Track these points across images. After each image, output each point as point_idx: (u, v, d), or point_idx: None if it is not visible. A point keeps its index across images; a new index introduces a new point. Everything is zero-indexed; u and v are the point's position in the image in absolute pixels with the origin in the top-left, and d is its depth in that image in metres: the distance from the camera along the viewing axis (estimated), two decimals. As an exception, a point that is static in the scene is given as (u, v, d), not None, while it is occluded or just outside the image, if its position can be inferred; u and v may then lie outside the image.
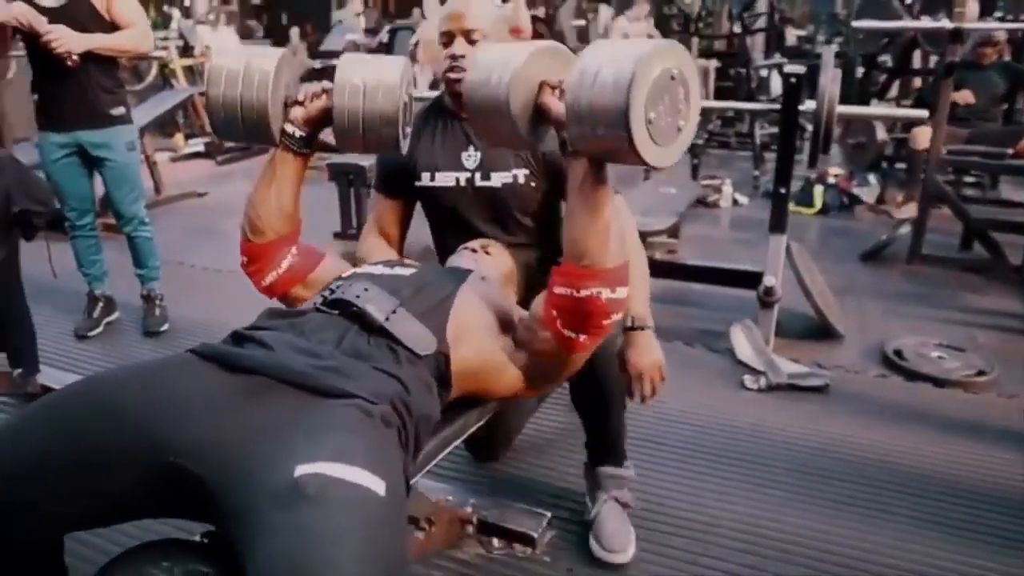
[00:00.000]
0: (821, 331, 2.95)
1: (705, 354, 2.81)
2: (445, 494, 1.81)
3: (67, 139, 2.70)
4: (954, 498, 1.94)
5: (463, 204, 1.74)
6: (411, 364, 1.20)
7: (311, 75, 10.98)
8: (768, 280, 2.73)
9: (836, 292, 3.17)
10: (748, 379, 2.56)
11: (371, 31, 7.10)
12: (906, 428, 2.28)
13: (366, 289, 1.27)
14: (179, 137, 6.77)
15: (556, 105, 1.20)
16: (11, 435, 1.04)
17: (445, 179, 1.74)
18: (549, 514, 1.82)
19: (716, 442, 2.21)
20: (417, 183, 1.76)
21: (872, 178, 4.94)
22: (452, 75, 1.67)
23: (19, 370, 2.38)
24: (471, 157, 1.72)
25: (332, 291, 1.30)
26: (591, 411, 1.70)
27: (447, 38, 1.67)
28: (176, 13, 8.26)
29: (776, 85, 6.49)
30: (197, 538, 1.11)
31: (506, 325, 1.38)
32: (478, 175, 1.71)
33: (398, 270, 1.44)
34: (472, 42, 1.65)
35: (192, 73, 7.50)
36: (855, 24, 4.48)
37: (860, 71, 5.66)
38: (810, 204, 4.76)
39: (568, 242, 1.22)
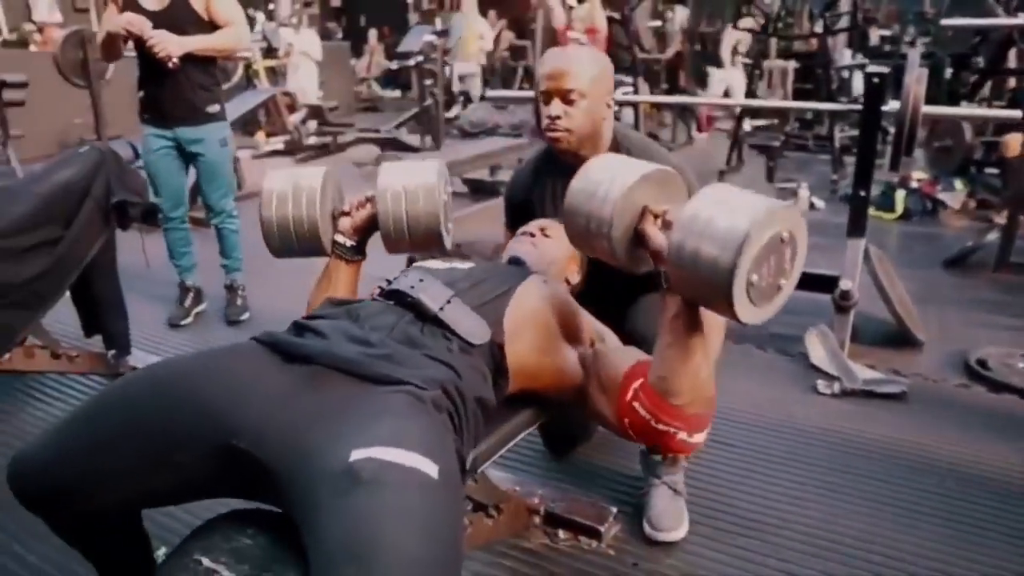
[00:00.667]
0: (899, 338, 2.86)
1: (778, 358, 2.76)
2: (514, 484, 1.84)
3: (166, 134, 2.85)
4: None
5: None
6: (464, 353, 1.22)
7: (388, 75, 11.26)
8: (845, 284, 2.67)
9: (916, 299, 3.07)
10: (821, 384, 2.50)
11: (442, 32, 7.21)
12: (989, 440, 2.19)
13: (421, 280, 1.30)
14: (260, 135, 7.01)
15: (657, 237, 1.20)
16: (89, 415, 1.11)
17: None
18: (615, 508, 1.83)
19: (787, 446, 2.17)
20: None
21: (958, 183, 4.74)
22: (551, 135, 1.73)
23: (112, 352, 2.53)
24: None
25: (389, 282, 1.34)
26: None
27: (545, 97, 1.71)
28: (260, 16, 8.56)
29: (858, 86, 6.31)
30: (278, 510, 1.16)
31: (572, 334, 1.38)
32: None
33: (455, 264, 1.47)
34: (570, 102, 1.68)
35: (274, 74, 7.77)
36: (944, 22, 4.31)
37: (949, 72, 5.45)
38: (891, 209, 4.61)
39: (657, 374, 1.22)
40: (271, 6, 9.09)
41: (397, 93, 11.09)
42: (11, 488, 1.08)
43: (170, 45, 2.65)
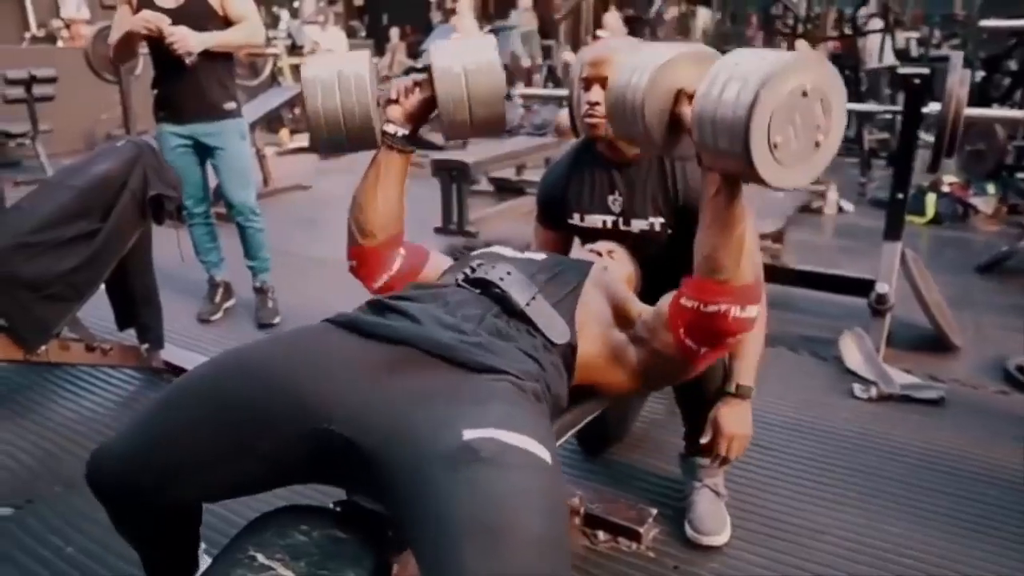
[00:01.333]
0: (934, 343, 2.82)
1: (811, 361, 2.73)
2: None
3: (183, 131, 2.85)
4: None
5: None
6: (547, 351, 1.22)
7: (410, 73, 11.26)
8: (881, 287, 2.63)
9: (951, 304, 3.02)
10: (858, 388, 2.47)
11: (501, 29, 7.20)
12: (1031, 448, 2.16)
13: (509, 273, 1.29)
14: (284, 132, 7.04)
15: (690, 116, 1.17)
16: (171, 404, 1.10)
17: (593, 221, 1.81)
18: (655, 510, 1.81)
19: (825, 450, 2.15)
20: (569, 220, 1.84)
21: (990, 187, 4.68)
22: (589, 120, 1.71)
23: (146, 345, 2.54)
24: (616, 201, 1.77)
25: (473, 269, 1.32)
26: (692, 404, 1.74)
27: (586, 83, 1.70)
28: (285, 14, 8.60)
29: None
30: (331, 506, 1.16)
31: (623, 319, 1.38)
32: (621, 220, 1.77)
33: (529, 254, 1.46)
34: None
35: (298, 71, 7.78)
36: (983, 23, 4.24)
37: (980, 75, 5.37)
38: (922, 213, 4.55)
39: (699, 255, 1.19)
40: (296, 3, 9.14)
41: (418, 92, 11.04)
42: (89, 480, 1.07)
43: (189, 42, 2.65)
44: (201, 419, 1.05)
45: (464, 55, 1.40)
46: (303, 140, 6.97)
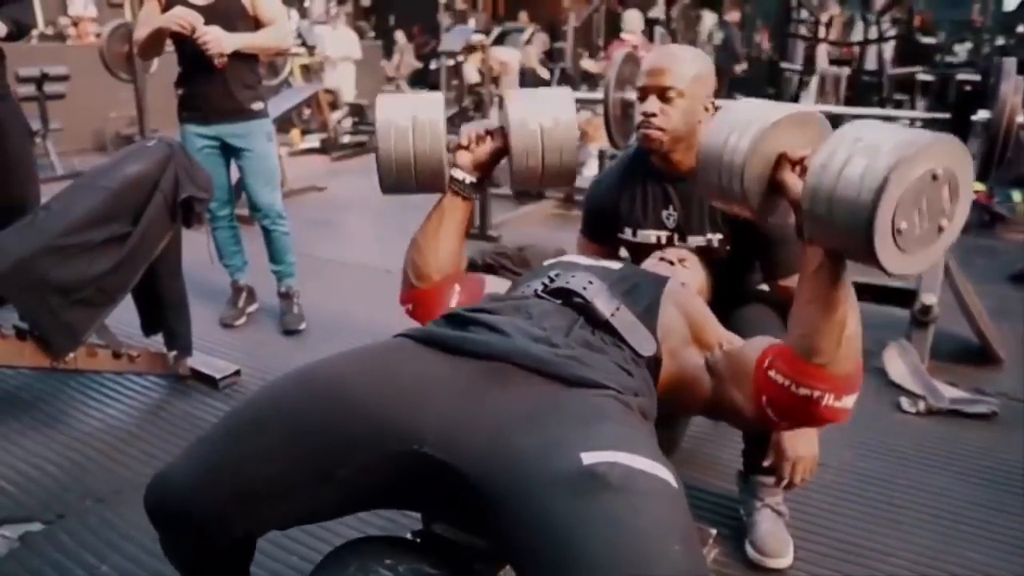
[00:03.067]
0: (977, 355, 2.76)
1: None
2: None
3: (209, 131, 2.78)
4: None
5: None
6: (636, 364, 1.16)
7: (419, 75, 11.22)
8: (927, 298, 2.57)
9: (988, 314, 2.96)
10: (905, 402, 2.41)
11: (483, 33, 7.15)
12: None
13: (591, 282, 1.23)
14: (296, 133, 6.97)
15: (795, 185, 1.09)
16: (241, 428, 1.03)
17: (646, 236, 1.74)
18: (715, 531, 1.74)
19: (881, 467, 2.08)
20: (620, 235, 1.77)
21: (1016, 195, 4.62)
22: (644, 131, 1.65)
23: (174, 352, 2.47)
24: (671, 217, 1.71)
25: (552, 279, 1.26)
26: None
27: (643, 93, 1.65)
28: (294, 14, 8.53)
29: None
30: (409, 536, 1.09)
31: (700, 338, 1.30)
32: (676, 236, 1.71)
33: (604, 263, 1.41)
34: (667, 100, 1.62)
35: (308, 72, 7.72)
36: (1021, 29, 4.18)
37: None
38: (947, 220, 4.49)
39: (796, 331, 1.11)
40: (306, 3, 9.07)
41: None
42: (148, 508, 1.00)
43: (222, 42, 2.59)
44: (274, 446, 0.98)
45: (542, 110, 1.39)
46: (314, 141, 6.90)
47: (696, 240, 1.70)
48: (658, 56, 1.68)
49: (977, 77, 2.46)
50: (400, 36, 10.85)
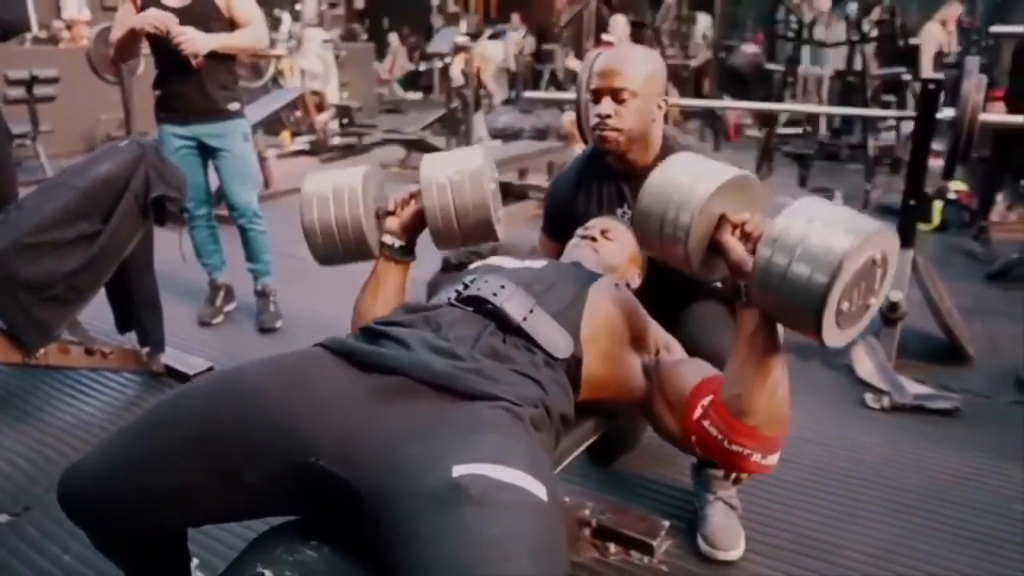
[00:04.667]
0: (946, 353, 2.78)
1: (820, 370, 2.69)
2: (563, 495, 1.77)
3: (186, 132, 2.81)
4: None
5: None
6: (548, 368, 1.17)
7: (411, 77, 11.26)
8: (894, 295, 2.59)
9: (962, 312, 2.98)
10: (870, 398, 2.43)
11: (472, 35, 7.18)
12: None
13: (503, 287, 1.23)
14: (285, 135, 7.00)
15: (736, 249, 1.13)
16: (152, 425, 1.04)
17: None
18: (668, 522, 1.76)
19: (841, 462, 2.10)
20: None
21: (998, 195, 4.64)
22: (600, 133, 1.67)
23: (147, 349, 2.49)
24: (626, 215, 1.73)
25: (466, 286, 1.26)
26: None
27: (596, 95, 1.67)
28: (287, 16, 8.56)
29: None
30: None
31: (639, 341, 1.33)
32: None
33: (528, 263, 1.41)
34: (620, 101, 1.63)
35: (303, 73, 7.74)
36: (994, 29, 4.20)
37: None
38: (928, 220, 4.52)
39: (731, 392, 1.14)
40: (297, 6, 9.10)
41: (419, 95, 11.08)
42: (61, 503, 1.02)
43: (197, 42, 2.62)
44: (183, 446, 0.99)
45: (450, 165, 1.41)
46: (304, 143, 6.93)
47: None
48: (609, 57, 1.69)
49: (941, 76, 2.48)
50: (393, 38, 10.88)
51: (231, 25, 2.75)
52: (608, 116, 1.63)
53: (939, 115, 2.51)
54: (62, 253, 2.14)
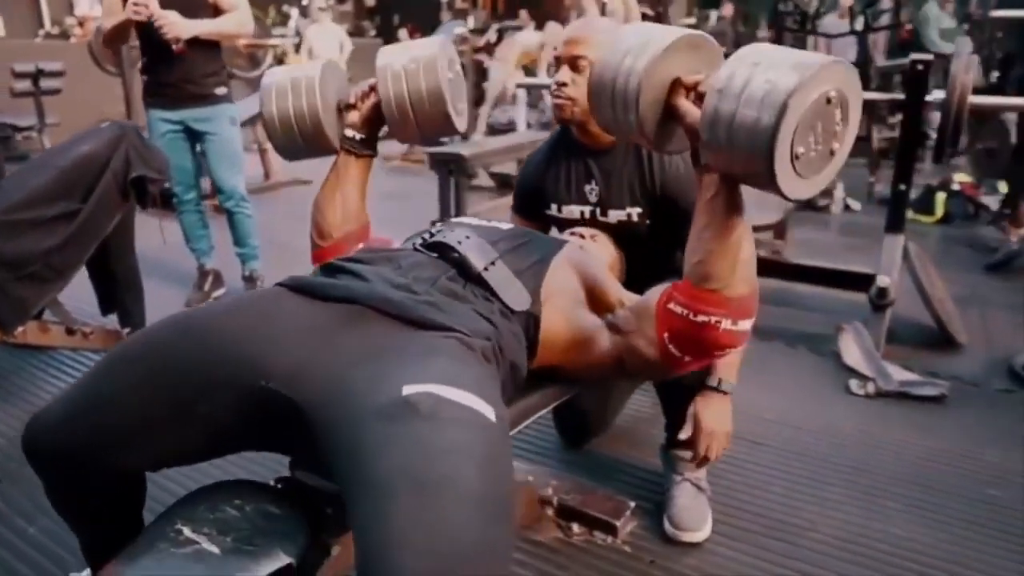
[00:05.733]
0: (938, 340, 2.74)
1: (808, 356, 2.65)
2: (527, 473, 1.76)
3: (172, 116, 2.83)
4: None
5: None
6: (503, 317, 1.17)
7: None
8: (882, 281, 2.55)
9: (957, 302, 2.94)
10: (854, 384, 2.39)
11: (479, 31, 7.16)
12: (1034, 447, 2.07)
13: (468, 237, 1.25)
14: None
15: (690, 111, 1.08)
16: (109, 367, 1.05)
17: (571, 211, 1.74)
18: (633, 503, 1.74)
19: (819, 447, 2.07)
20: (547, 211, 1.77)
21: (1002, 186, 4.57)
22: (554, 100, 1.64)
23: (127, 329, 2.50)
24: (593, 191, 1.71)
25: (432, 234, 1.28)
26: (672, 396, 1.68)
27: (557, 63, 1.65)
28: (295, 12, 8.60)
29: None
30: (271, 483, 1.10)
31: (599, 302, 1.31)
32: (598, 210, 1.70)
33: (496, 223, 1.42)
34: (578, 70, 1.60)
35: (310, 53, 7.70)
36: (995, 14, 4.11)
37: (995, 74, 5.26)
38: (931, 212, 4.45)
39: (691, 260, 1.11)
40: (304, 2, 9.14)
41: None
42: (25, 447, 1.04)
43: (178, 27, 2.64)
44: (139, 382, 1.01)
45: (405, 53, 1.38)
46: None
47: (617, 214, 1.69)
48: (574, 27, 1.69)
49: (930, 56, 2.43)
50: (403, 34, 10.89)
51: (215, 11, 2.77)
52: (564, 84, 1.61)
53: (929, 98, 2.46)
54: (40, 232, 2.14)
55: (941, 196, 4.44)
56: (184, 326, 1.07)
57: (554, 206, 1.76)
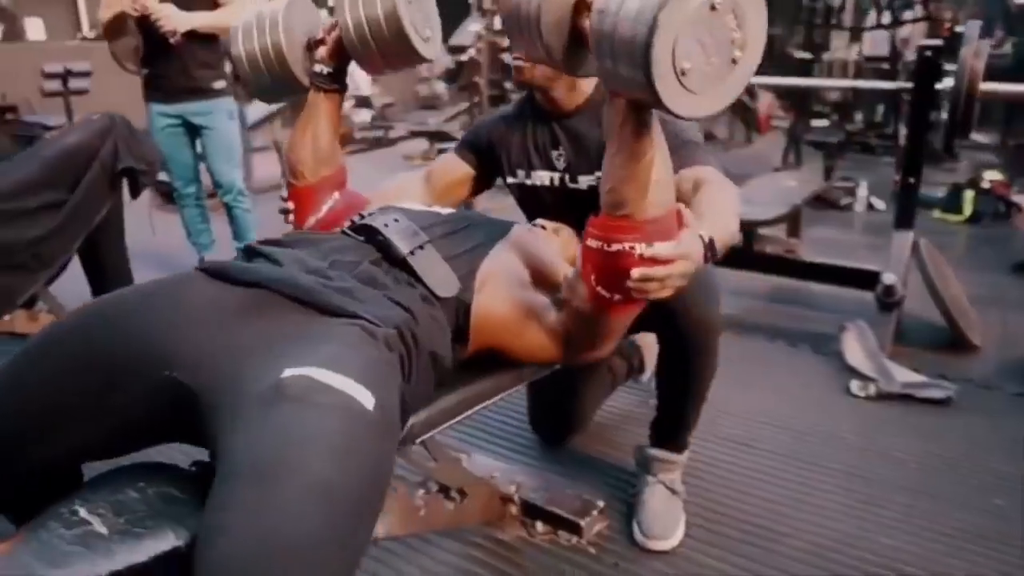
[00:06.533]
0: (951, 342, 2.60)
1: (809, 356, 2.54)
2: (493, 470, 1.70)
3: (171, 110, 2.85)
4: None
5: (558, 202, 1.64)
6: (427, 303, 1.13)
7: (450, 74, 11.26)
8: (888, 278, 2.44)
9: (978, 303, 2.80)
10: (855, 385, 2.28)
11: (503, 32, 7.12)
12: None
13: (396, 220, 1.22)
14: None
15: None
16: (18, 358, 1.03)
17: (540, 177, 1.66)
18: (602, 503, 1.67)
19: (811, 450, 1.97)
20: (512, 179, 1.68)
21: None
22: (514, 63, 1.56)
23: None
24: (560, 157, 1.62)
25: (362, 216, 1.26)
26: (673, 383, 1.60)
27: None
28: (324, 13, 8.65)
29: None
30: (186, 467, 1.07)
31: (546, 282, 1.27)
32: (567, 177, 1.63)
33: (437, 209, 1.39)
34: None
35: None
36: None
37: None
38: (958, 211, 4.28)
39: (604, 190, 1.09)
40: (330, 3, 9.19)
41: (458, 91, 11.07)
42: None
43: (174, 20, 2.65)
44: (52, 372, 0.98)
45: None
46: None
47: (586, 179, 1.60)
48: None
49: (939, 42, 2.31)
50: (434, 37, 10.96)
51: (213, 4, 2.78)
52: None
53: (939, 85, 2.35)
54: (25, 221, 2.15)
55: (969, 194, 4.26)
56: (97, 312, 1.05)
57: (521, 172, 1.66)
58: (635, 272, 1.05)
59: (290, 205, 1.48)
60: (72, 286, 2.46)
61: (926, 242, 2.62)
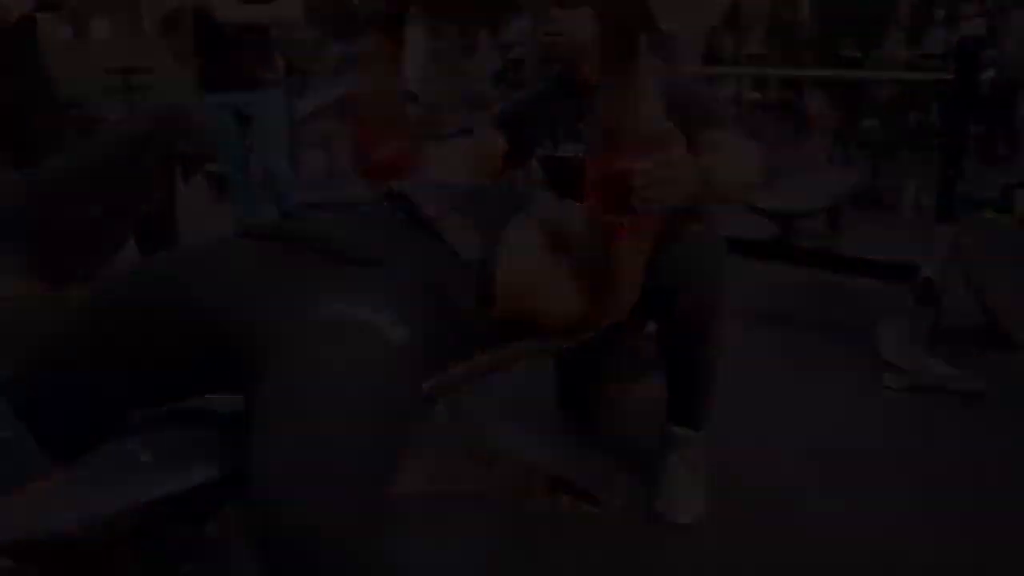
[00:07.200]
0: (994, 338, 2.56)
1: (844, 349, 2.52)
2: (519, 442, 1.75)
3: (223, 99, 2.95)
4: None
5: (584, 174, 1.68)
6: (451, 266, 1.18)
7: (499, 75, 11.39)
8: (926, 272, 2.41)
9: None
10: (889, 377, 2.27)
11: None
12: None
13: (428, 189, 1.28)
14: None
15: None
16: (92, 313, 1.10)
17: (566, 149, 1.71)
18: (626, 478, 1.71)
19: (845, 443, 1.96)
20: (540, 150, 1.74)
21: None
22: (548, 39, 1.64)
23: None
24: (587, 129, 1.67)
25: (397, 184, 1.31)
26: (679, 357, 1.62)
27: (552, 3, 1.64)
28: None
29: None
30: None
31: (565, 246, 1.30)
32: None
33: (468, 180, 1.46)
34: (563, 5, 1.60)
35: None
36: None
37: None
38: (1010, 210, 4.16)
39: (603, 128, 1.17)
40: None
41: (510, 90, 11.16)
42: None
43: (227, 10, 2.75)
44: (124, 321, 1.05)
45: None
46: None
47: None
48: None
49: (983, 31, 2.28)
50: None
51: None
52: (553, 20, 1.61)
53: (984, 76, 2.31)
54: (81, 204, 2.27)
55: (1022, 194, 4.15)
56: (155, 274, 1.12)
57: (549, 143, 1.72)
58: (637, 180, 1.13)
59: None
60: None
61: (969, 237, 2.58)
